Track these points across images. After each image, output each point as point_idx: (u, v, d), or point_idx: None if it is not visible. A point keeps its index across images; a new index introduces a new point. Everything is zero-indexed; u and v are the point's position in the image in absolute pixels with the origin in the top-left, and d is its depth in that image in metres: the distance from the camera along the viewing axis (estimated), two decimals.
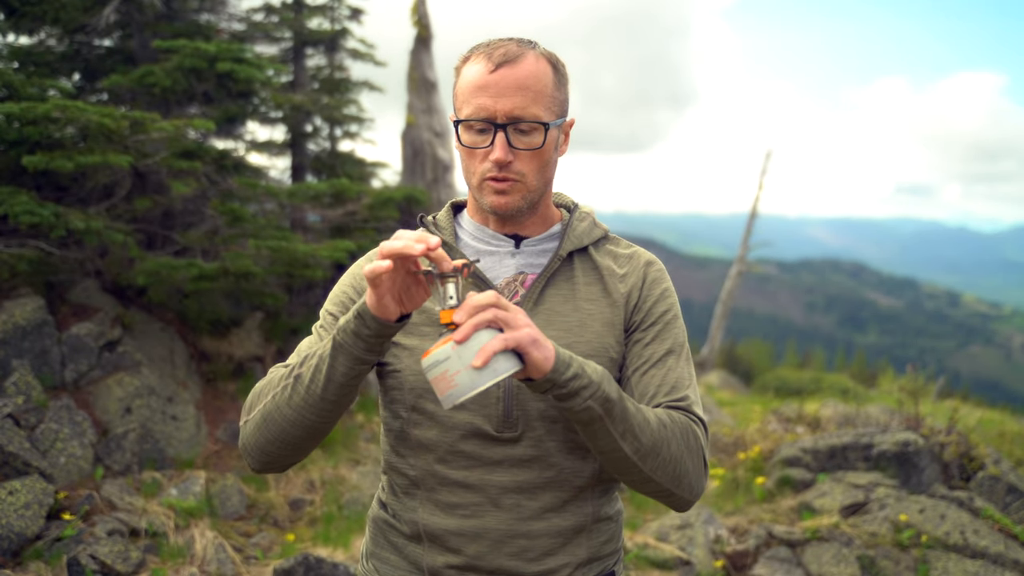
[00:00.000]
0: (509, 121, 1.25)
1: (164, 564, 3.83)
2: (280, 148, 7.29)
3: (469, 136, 1.29)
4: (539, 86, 1.27)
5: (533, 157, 1.28)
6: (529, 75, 1.26)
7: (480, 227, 1.39)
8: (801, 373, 18.10)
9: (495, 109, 1.25)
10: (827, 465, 5.10)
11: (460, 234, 1.41)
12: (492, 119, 1.25)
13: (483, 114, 1.25)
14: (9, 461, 3.95)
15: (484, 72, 1.26)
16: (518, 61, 1.26)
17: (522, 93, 1.25)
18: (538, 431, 1.29)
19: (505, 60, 1.26)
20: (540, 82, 1.27)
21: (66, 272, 5.15)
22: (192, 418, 5.19)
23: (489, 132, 1.27)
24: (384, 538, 1.40)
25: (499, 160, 1.25)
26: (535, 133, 1.27)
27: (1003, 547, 4.06)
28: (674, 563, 4.17)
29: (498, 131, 1.25)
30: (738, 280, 15.07)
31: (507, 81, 1.25)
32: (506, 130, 1.25)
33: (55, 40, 6.27)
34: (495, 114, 1.25)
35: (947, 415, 5.59)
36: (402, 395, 1.33)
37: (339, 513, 4.77)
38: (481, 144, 1.28)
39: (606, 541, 1.38)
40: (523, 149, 1.27)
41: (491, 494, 1.29)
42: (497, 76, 1.25)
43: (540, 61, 1.29)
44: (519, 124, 1.26)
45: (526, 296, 1.33)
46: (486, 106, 1.25)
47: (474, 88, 1.26)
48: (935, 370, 19.31)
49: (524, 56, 1.27)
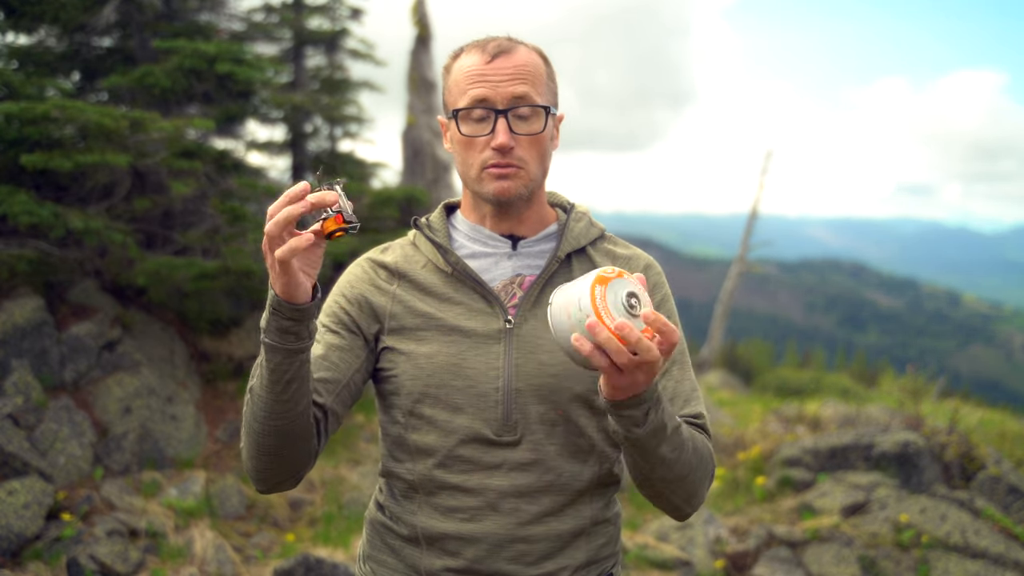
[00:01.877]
0: (509, 106, 1.26)
1: (164, 564, 3.82)
2: (280, 148, 7.29)
3: (468, 126, 1.28)
4: (535, 73, 1.28)
5: (533, 143, 1.28)
6: (525, 63, 1.28)
7: (476, 227, 1.37)
8: (801, 373, 18.10)
9: (495, 95, 1.25)
10: (827, 465, 5.10)
11: (454, 235, 1.39)
12: (492, 106, 1.26)
13: (483, 102, 1.26)
14: (8, 461, 3.94)
15: (480, 63, 1.27)
16: (513, 51, 1.28)
17: (520, 79, 1.26)
18: (537, 435, 1.28)
19: (500, 51, 1.27)
20: (536, 70, 1.29)
21: (66, 272, 5.14)
22: (192, 418, 5.19)
23: (489, 120, 1.26)
24: (381, 540, 1.39)
25: (502, 145, 1.25)
26: (535, 119, 1.28)
27: (1004, 547, 4.05)
28: (674, 563, 4.17)
29: (499, 117, 1.25)
30: (738, 280, 15.07)
31: (505, 69, 1.26)
32: (507, 116, 1.25)
33: (54, 39, 6.27)
34: (495, 100, 1.26)
35: (948, 415, 5.59)
36: (400, 400, 1.31)
37: (339, 513, 4.76)
38: (481, 132, 1.27)
39: (604, 544, 1.37)
40: (524, 134, 1.27)
41: (490, 498, 1.28)
42: (494, 65, 1.26)
43: (532, 52, 1.31)
44: (519, 109, 1.26)
45: (524, 298, 1.31)
46: (484, 94, 1.26)
47: (471, 78, 1.27)
48: (935, 370, 19.31)
49: (517, 47, 1.29)
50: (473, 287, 1.32)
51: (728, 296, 15.06)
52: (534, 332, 1.29)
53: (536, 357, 1.28)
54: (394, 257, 1.39)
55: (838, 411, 6.82)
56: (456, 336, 1.29)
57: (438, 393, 1.28)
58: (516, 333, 1.29)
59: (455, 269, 1.32)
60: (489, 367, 1.28)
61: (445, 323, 1.30)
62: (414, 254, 1.38)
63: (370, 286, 1.36)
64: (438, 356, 1.28)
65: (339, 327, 1.33)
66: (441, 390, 1.28)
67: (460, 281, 1.33)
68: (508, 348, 1.28)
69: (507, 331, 1.29)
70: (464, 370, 1.28)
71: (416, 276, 1.35)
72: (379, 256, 1.40)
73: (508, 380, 1.27)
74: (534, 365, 1.28)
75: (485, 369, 1.28)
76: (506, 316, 1.29)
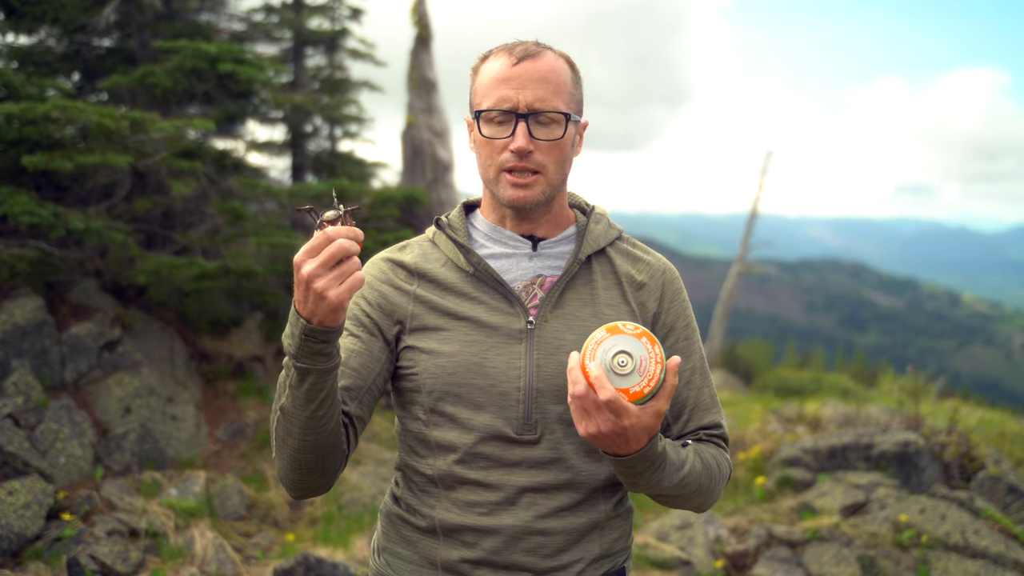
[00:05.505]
0: (531, 111, 1.26)
1: (164, 564, 3.83)
2: (280, 148, 7.29)
3: (490, 128, 1.29)
4: (559, 80, 1.29)
5: (553, 149, 1.29)
6: (551, 69, 1.29)
7: (495, 227, 1.38)
8: (801, 373, 18.11)
9: (517, 99, 1.26)
10: (827, 465, 5.10)
11: (474, 235, 1.40)
12: (514, 109, 1.26)
13: (505, 104, 1.27)
14: (9, 461, 3.95)
15: (507, 66, 1.28)
16: (539, 56, 1.29)
17: (544, 85, 1.27)
18: (557, 434, 1.30)
19: (527, 55, 1.28)
20: (560, 77, 1.29)
21: (66, 272, 5.14)
22: (192, 418, 5.19)
23: (510, 123, 1.28)
24: (397, 533, 1.40)
25: (520, 148, 1.26)
26: (555, 125, 1.28)
27: (1003, 547, 4.05)
28: (674, 563, 4.17)
29: (519, 121, 1.26)
30: (738, 280, 15.07)
31: (529, 73, 1.27)
32: (527, 120, 1.26)
33: (55, 40, 6.26)
34: (517, 104, 1.26)
35: (947, 415, 5.59)
36: (420, 397, 1.32)
37: (339, 513, 4.77)
38: (501, 135, 1.28)
39: (618, 538, 1.39)
40: (544, 140, 1.28)
41: (509, 493, 1.30)
42: (520, 69, 1.27)
43: (559, 59, 1.31)
44: (540, 115, 1.27)
45: (545, 300, 1.32)
46: (508, 97, 1.27)
47: (496, 81, 1.28)
48: (935, 370, 19.30)
49: (544, 52, 1.30)
50: (495, 287, 1.32)
51: (728, 296, 15.07)
52: (555, 333, 1.31)
53: (557, 358, 1.29)
54: (413, 256, 1.39)
55: (838, 411, 6.83)
56: (478, 335, 1.30)
57: (460, 391, 1.29)
58: (537, 334, 1.30)
59: (476, 269, 1.33)
60: (511, 367, 1.29)
61: (467, 322, 1.31)
62: (433, 252, 1.39)
63: (389, 286, 1.36)
64: (460, 355, 1.29)
65: (359, 329, 1.33)
66: (463, 388, 1.29)
67: (481, 281, 1.33)
68: (529, 348, 1.29)
69: (528, 331, 1.30)
70: (486, 369, 1.29)
71: (436, 275, 1.35)
72: (397, 255, 1.40)
73: (529, 380, 1.28)
74: (555, 366, 1.29)
75: (506, 369, 1.29)
76: (527, 316, 1.31)
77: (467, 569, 1.31)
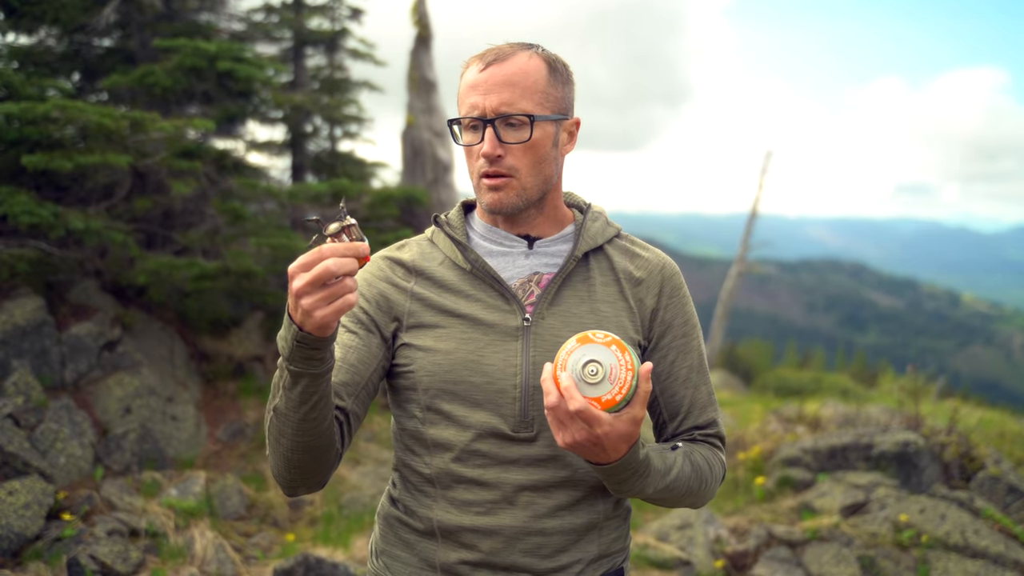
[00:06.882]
0: (496, 116, 1.27)
1: (164, 564, 3.83)
2: (280, 148, 7.29)
3: (466, 135, 1.31)
4: (527, 81, 1.28)
5: (525, 152, 1.29)
6: (517, 71, 1.28)
7: (491, 228, 1.39)
8: (801, 373, 18.12)
9: (484, 105, 1.27)
10: (827, 465, 5.10)
11: (471, 234, 1.41)
12: (482, 115, 1.27)
13: (475, 112, 1.28)
14: (9, 461, 3.95)
15: (475, 72, 1.29)
16: (507, 59, 1.28)
17: (509, 88, 1.27)
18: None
19: (495, 59, 1.28)
20: (529, 77, 1.28)
21: (66, 272, 5.14)
22: (192, 418, 5.19)
23: (480, 129, 1.29)
24: (395, 535, 1.40)
25: (487, 154, 1.27)
26: (524, 127, 1.28)
27: (1003, 547, 4.05)
28: (674, 563, 4.17)
29: (487, 126, 1.27)
30: (738, 280, 15.07)
31: (495, 78, 1.27)
32: (494, 125, 1.27)
33: (55, 40, 6.26)
34: (484, 110, 1.27)
35: (947, 415, 5.59)
36: (416, 395, 1.33)
37: (339, 513, 4.77)
38: (474, 141, 1.30)
39: (616, 538, 1.39)
40: (513, 143, 1.28)
41: (506, 492, 1.30)
42: (486, 74, 1.28)
43: (533, 59, 1.30)
44: (509, 118, 1.27)
45: (541, 297, 1.32)
46: (477, 103, 1.28)
47: (467, 88, 1.29)
48: (935, 370, 19.31)
49: (514, 54, 1.29)
50: (491, 284, 1.33)
51: (728, 296, 15.06)
52: (551, 330, 1.31)
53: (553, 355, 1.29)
54: (411, 254, 1.40)
55: (838, 411, 6.83)
56: (474, 333, 1.30)
57: (456, 389, 1.29)
58: (534, 331, 1.30)
59: (473, 266, 1.34)
60: (507, 364, 1.29)
61: (463, 319, 1.31)
62: (431, 251, 1.40)
63: (387, 284, 1.37)
64: (457, 352, 1.30)
65: (357, 326, 1.34)
66: (459, 386, 1.29)
67: (478, 278, 1.34)
68: (526, 345, 1.29)
69: (525, 328, 1.30)
70: (482, 366, 1.29)
71: (433, 273, 1.36)
72: (395, 253, 1.41)
73: (526, 377, 1.29)
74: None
75: (503, 366, 1.29)
76: (524, 314, 1.31)
77: (466, 571, 1.31)
